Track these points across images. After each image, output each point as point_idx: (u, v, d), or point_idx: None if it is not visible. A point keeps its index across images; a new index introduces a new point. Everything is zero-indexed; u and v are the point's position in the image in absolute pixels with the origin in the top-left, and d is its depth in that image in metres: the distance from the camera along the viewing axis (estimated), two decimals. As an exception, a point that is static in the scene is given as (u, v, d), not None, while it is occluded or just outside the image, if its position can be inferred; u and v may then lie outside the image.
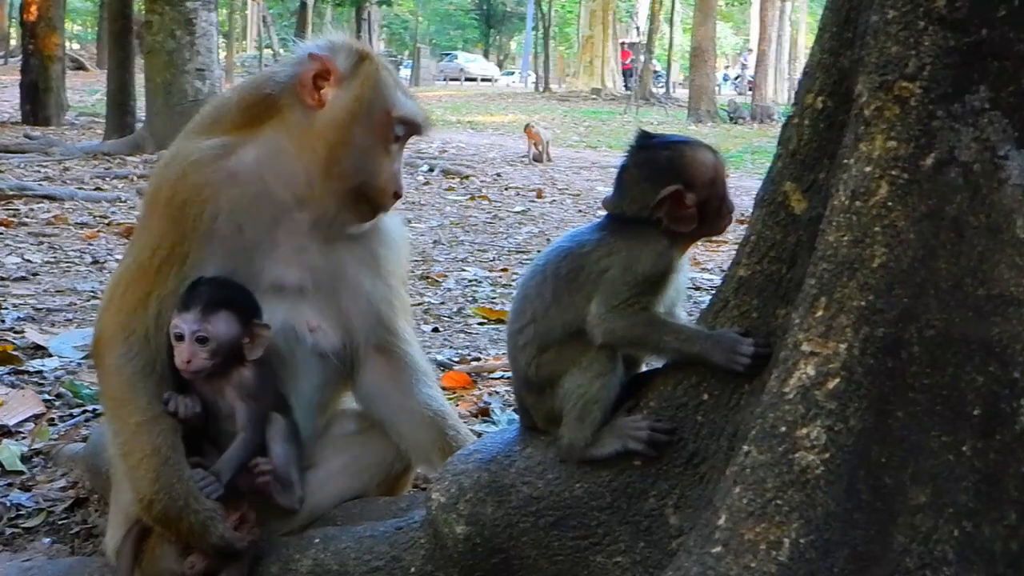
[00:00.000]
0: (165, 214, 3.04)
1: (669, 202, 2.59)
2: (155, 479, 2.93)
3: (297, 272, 3.15)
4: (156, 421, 2.97)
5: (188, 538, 2.95)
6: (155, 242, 3.04)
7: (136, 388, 2.99)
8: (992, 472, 2.15)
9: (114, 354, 3.02)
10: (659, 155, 2.69)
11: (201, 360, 2.98)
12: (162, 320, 3.00)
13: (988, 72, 2.19)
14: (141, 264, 3.05)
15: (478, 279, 8.65)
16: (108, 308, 3.10)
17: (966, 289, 2.18)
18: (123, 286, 3.07)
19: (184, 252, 3.01)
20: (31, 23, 23.55)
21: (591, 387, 2.58)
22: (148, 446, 2.95)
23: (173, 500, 2.92)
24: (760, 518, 2.20)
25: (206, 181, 3.03)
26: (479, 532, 2.63)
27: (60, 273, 8.26)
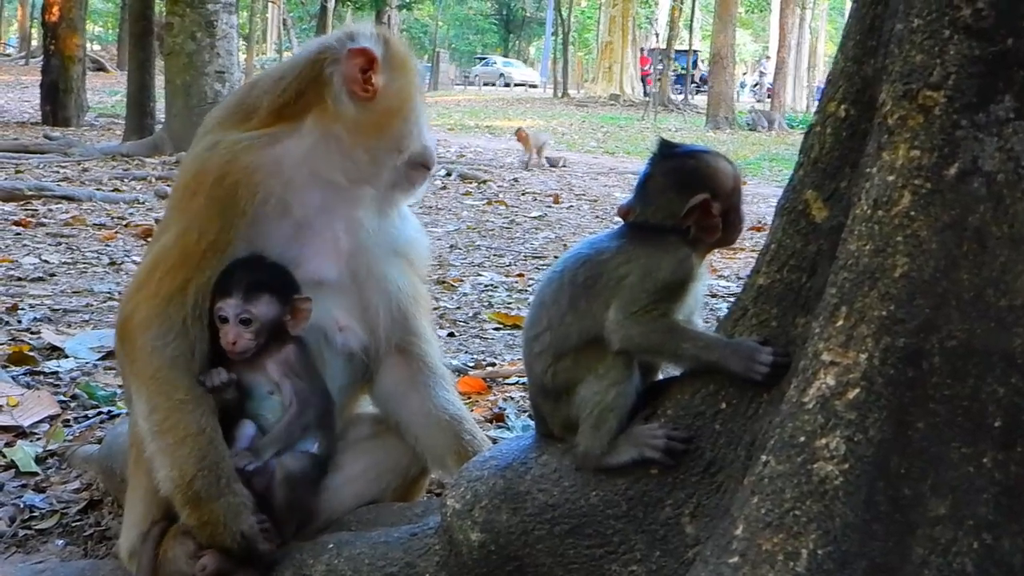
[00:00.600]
0: (213, 197, 3.02)
1: (698, 211, 2.59)
2: (201, 457, 2.93)
3: (334, 266, 3.16)
4: (200, 400, 2.98)
5: (215, 524, 2.93)
6: (201, 226, 3.02)
7: (178, 368, 2.99)
8: (1013, 484, 2.13)
9: (149, 336, 3.00)
10: (686, 164, 2.69)
11: (246, 340, 3.03)
12: (198, 308, 3.01)
13: (1013, 82, 2.17)
14: (184, 249, 3.03)
15: (494, 284, 8.64)
16: (142, 290, 3.07)
17: (988, 300, 2.16)
18: (161, 270, 3.04)
19: (229, 239, 3.02)
20: (52, 24, 23.66)
21: (607, 395, 2.56)
22: (192, 424, 2.96)
23: (216, 478, 2.93)
24: (778, 528, 2.18)
25: (259, 164, 3.05)
26: (494, 539, 2.61)
27: (77, 274, 8.28)
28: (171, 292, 3.00)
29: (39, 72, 24.94)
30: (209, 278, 3.01)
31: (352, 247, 3.18)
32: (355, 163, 3.13)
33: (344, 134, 3.11)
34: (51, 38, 23.85)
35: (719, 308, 7.05)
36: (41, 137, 19.59)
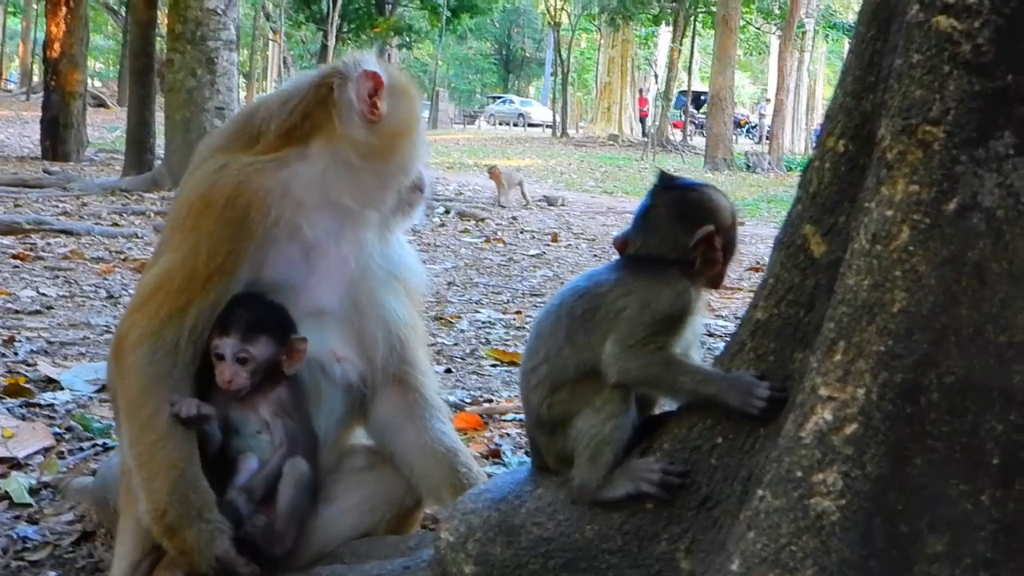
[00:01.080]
0: (224, 218, 3.00)
1: (704, 243, 2.60)
2: (172, 489, 2.93)
3: (335, 294, 3.17)
4: (174, 430, 2.96)
5: (190, 552, 2.92)
6: (211, 247, 3.00)
7: (159, 390, 2.97)
8: (1011, 522, 2.11)
9: (138, 354, 2.98)
10: (689, 196, 2.70)
11: (242, 379, 3.04)
12: (196, 331, 2.99)
13: (1013, 118, 2.17)
14: (191, 270, 3.00)
15: (492, 321, 8.62)
16: (140, 309, 3.05)
17: (987, 336, 2.15)
18: (164, 291, 3.02)
19: (238, 261, 3.01)
20: (54, 60, 23.70)
21: (603, 428, 2.55)
22: (168, 455, 2.95)
23: (186, 510, 2.92)
24: (774, 564, 2.17)
25: (270, 186, 3.05)
26: (488, 572, 2.59)
27: (75, 307, 8.26)
28: (170, 313, 2.98)
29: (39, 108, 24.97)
30: (214, 301, 3.00)
31: (357, 273, 3.18)
32: (364, 186, 3.14)
33: (353, 157, 3.11)
34: (52, 74, 23.88)
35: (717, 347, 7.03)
36: (40, 172, 19.58)
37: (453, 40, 74.79)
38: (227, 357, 3.02)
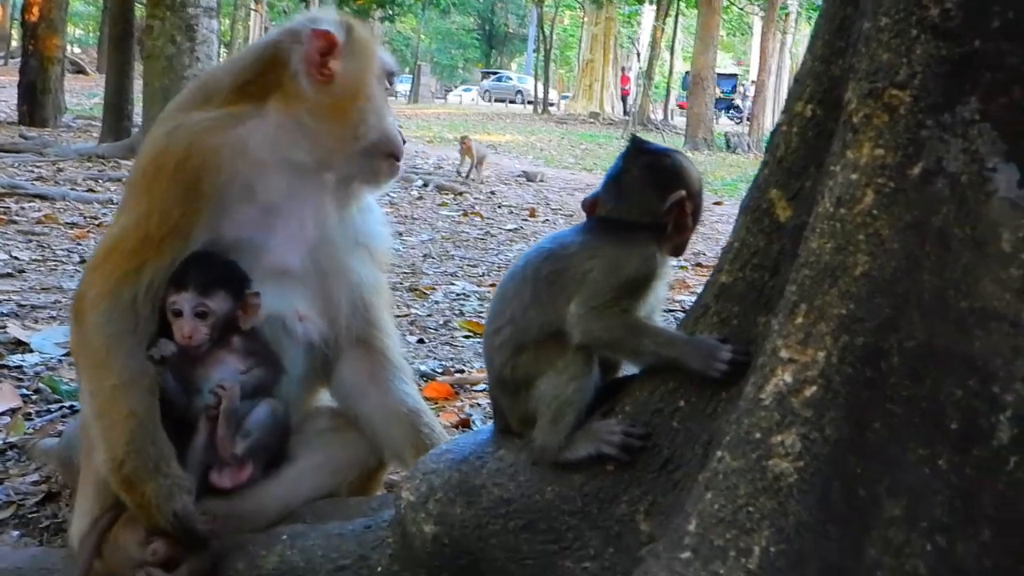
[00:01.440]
0: (176, 180, 2.99)
1: (677, 208, 2.60)
2: (129, 439, 2.92)
3: (297, 255, 3.16)
4: (133, 383, 2.96)
5: (150, 506, 2.92)
6: (164, 209, 3.00)
7: (115, 349, 2.97)
8: (968, 488, 2.11)
9: (96, 313, 2.98)
10: (663, 161, 2.69)
11: (202, 334, 3.04)
12: (152, 288, 2.99)
13: (979, 83, 2.16)
14: (146, 231, 3.00)
15: (466, 293, 8.61)
16: (97, 269, 3.06)
17: (949, 302, 2.15)
18: (120, 251, 3.03)
19: (193, 222, 3.00)
20: (32, 24, 23.52)
21: (566, 389, 2.54)
22: (124, 407, 2.94)
23: (143, 462, 2.91)
24: (731, 525, 2.16)
25: (222, 144, 3.03)
26: (447, 532, 2.59)
27: (47, 271, 8.23)
28: (126, 272, 2.98)
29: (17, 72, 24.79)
30: (170, 261, 2.99)
31: (318, 235, 3.17)
32: (317, 146, 3.12)
33: (305, 116, 3.10)
34: (30, 38, 23.70)
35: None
36: (16, 137, 19.47)
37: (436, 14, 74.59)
38: (185, 312, 3.02)
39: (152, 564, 2.93)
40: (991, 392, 2.12)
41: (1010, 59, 2.14)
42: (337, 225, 3.22)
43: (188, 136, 3.03)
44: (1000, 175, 2.15)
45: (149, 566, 2.93)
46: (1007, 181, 2.14)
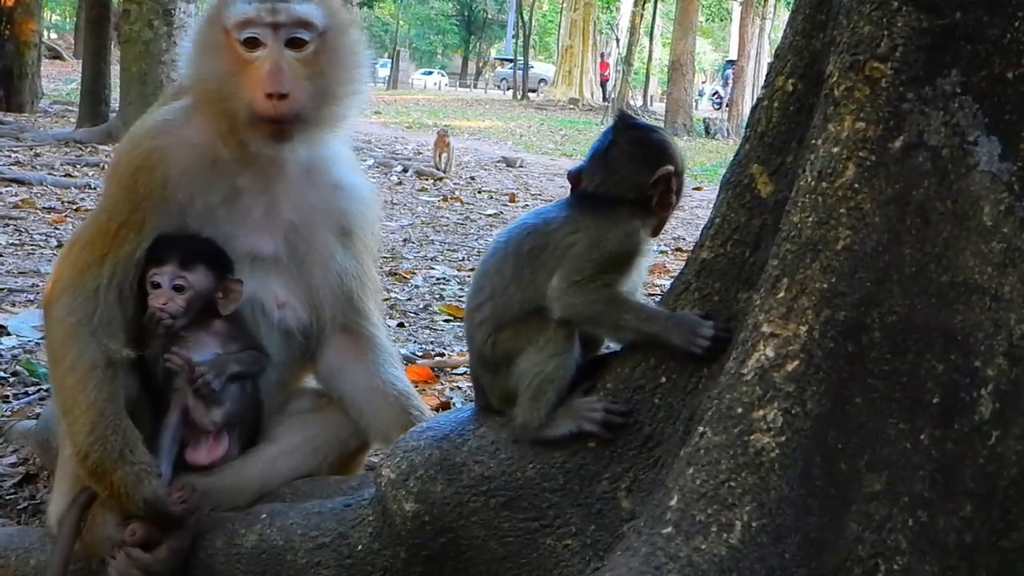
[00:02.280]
0: (121, 183, 3.05)
1: (663, 183, 2.58)
2: (91, 429, 2.92)
3: (271, 240, 3.13)
4: (93, 372, 2.95)
5: (120, 494, 2.91)
6: (112, 207, 3.05)
7: (76, 340, 2.97)
8: (949, 462, 2.12)
9: (59, 306, 3.00)
10: (651, 136, 2.69)
11: (177, 304, 3.02)
12: (115, 279, 2.99)
13: (960, 56, 2.16)
14: (100, 227, 3.04)
15: (446, 277, 8.61)
16: (62, 263, 3.10)
17: (930, 275, 2.15)
18: (80, 245, 3.07)
19: (140, 218, 3.01)
20: (8, 8, 23.35)
21: (547, 366, 2.53)
22: (86, 397, 2.93)
23: (107, 451, 2.90)
24: (712, 500, 2.16)
25: (155, 147, 3.04)
26: (428, 510, 2.58)
27: (24, 255, 8.20)
28: (88, 263, 3.02)
29: (-7, 57, 24.68)
30: (128, 251, 3.01)
31: (292, 221, 3.15)
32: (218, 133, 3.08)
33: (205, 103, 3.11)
34: (6, 23, 23.53)
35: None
36: (-7, 122, 19.38)
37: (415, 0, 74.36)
38: (164, 284, 3.01)
39: (131, 544, 2.91)
40: (972, 366, 2.13)
41: (991, 31, 2.15)
42: (313, 209, 3.18)
43: (132, 140, 3.09)
44: (981, 148, 2.15)
45: (128, 546, 2.92)
46: (988, 154, 2.15)
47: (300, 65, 2.98)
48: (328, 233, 3.22)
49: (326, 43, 3.02)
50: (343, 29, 3.08)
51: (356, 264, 3.29)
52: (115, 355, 2.97)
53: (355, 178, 3.31)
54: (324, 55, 3.02)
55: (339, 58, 3.07)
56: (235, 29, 2.98)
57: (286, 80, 2.94)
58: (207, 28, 3.07)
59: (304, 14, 2.98)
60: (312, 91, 2.99)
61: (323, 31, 3.01)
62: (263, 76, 2.94)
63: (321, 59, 3.02)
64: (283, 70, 2.95)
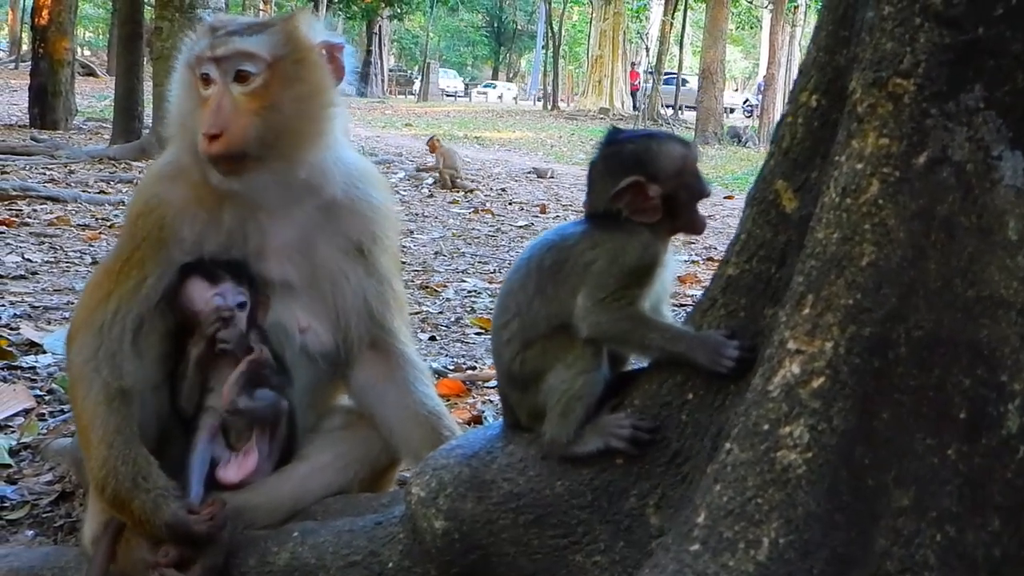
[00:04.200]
0: (125, 228, 3.20)
1: (629, 194, 2.57)
2: (103, 463, 2.96)
3: (280, 267, 3.16)
4: (100, 407, 3.00)
5: (142, 521, 2.95)
6: (118, 250, 3.17)
7: (85, 376, 3.04)
8: (976, 477, 2.11)
9: (75, 344, 3.08)
10: (623, 149, 2.66)
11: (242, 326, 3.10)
12: (119, 313, 3.05)
13: (983, 71, 2.16)
14: (107, 268, 3.15)
15: (478, 290, 8.62)
16: (78, 305, 3.21)
17: (955, 290, 2.15)
18: (92, 286, 3.17)
19: (140, 256, 3.08)
20: (42, 27, 23.57)
21: (575, 383, 2.54)
22: (96, 432, 2.99)
23: (120, 481, 2.95)
24: (739, 516, 2.17)
25: (154, 193, 3.14)
26: (458, 528, 2.59)
27: (59, 273, 8.26)
28: (97, 301, 3.08)
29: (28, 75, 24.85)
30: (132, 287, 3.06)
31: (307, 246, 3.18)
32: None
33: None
34: (40, 41, 23.75)
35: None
36: (28, 139, 19.50)
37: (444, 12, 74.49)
38: (228, 301, 3.07)
39: (165, 565, 2.94)
40: (999, 381, 2.12)
41: (1014, 46, 2.15)
42: (315, 231, 3.19)
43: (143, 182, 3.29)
44: (1005, 163, 2.15)
45: (162, 567, 2.94)
46: (1012, 169, 2.15)
47: (247, 99, 2.98)
48: (338, 252, 3.22)
49: (276, 73, 3.00)
50: (298, 57, 3.04)
51: (376, 282, 3.29)
52: (123, 386, 3.02)
53: (359, 193, 3.28)
54: (275, 85, 3.00)
55: (293, 87, 3.03)
56: (194, 66, 3.03)
57: (220, 119, 2.95)
58: (182, 66, 3.10)
59: (247, 47, 2.98)
60: (261, 124, 2.98)
61: (272, 62, 2.99)
62: (205, 116, 2.97)
63: (272, 90, 2.99)
64: (220, 108, 2.96)
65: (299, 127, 3.06)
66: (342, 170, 3.21)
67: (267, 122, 2.99)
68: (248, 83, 2.98)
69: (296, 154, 3.07)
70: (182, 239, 3.08)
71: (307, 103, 3.06)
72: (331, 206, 3.20)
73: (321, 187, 3.16)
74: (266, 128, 2.99)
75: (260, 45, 2.98)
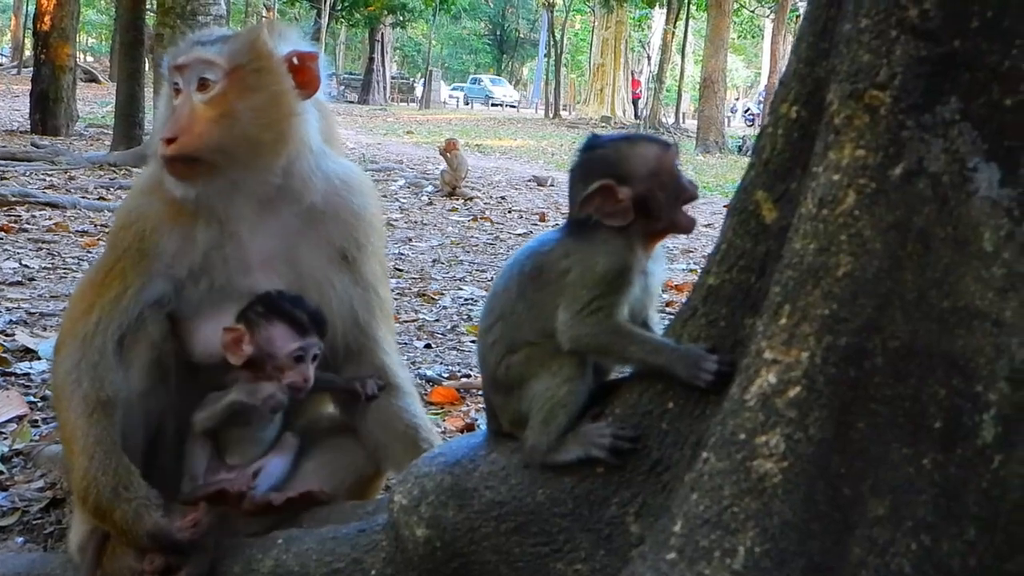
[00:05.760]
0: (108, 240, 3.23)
1: (598, 198, 2.58)
2: (83, 474, 2.99)
3: (267, 279, 3.17)
4: (82, 417, 3.02)
5: (124, 530, 2.96)
6: (100, 261, 3.20)
7: (66, 387, 3.06)
8: (952, 486, 2.12)
9: (60, 355, 3.11)
10: (595, 154, 2.67)
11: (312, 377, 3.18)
12: (101, 324, 3.07)
13: (959, 83, 2.17)
14: (90, 280, 3.18)
15: (475, 298, 8.62)
16: (65, 316, 3.25)
17: (931, 301, 2.16)
18: (76, 297, 3.21)
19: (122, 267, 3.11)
20: (44, 33, 23.61)
21: (559, 391, 2.56)
22: (76, 443, 3.01)
23: (101, 492, 2.96)
24: (716, 525, 2.17)
25: (135, 206, 3.17)
26: (440, 535, 2.60)
27: (56, 279, 8.26)
28: (81, 312, 3.11)
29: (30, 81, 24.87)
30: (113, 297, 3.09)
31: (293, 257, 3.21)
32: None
33: None
34: (42, 47, 23.79)
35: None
36: (29, 145, 19.52)
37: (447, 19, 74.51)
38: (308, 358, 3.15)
39: (151, 572, 2.95)
40: (974, 391, 2.13)
41: (989, 58, 2.16)
42: (309, 241, 3.22)
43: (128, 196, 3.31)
44: (981, 174, 2.16)
45: (148, 575, 2.95)
46: (988, 180, 2.16)
47: (205, 107, 3.02)
48: (323, 260, 3.24)
49: (234, 82, 3.03)
50: (258, 66, 3.07)
51: (361, 290, 3.30)
52: (105, 397, 3.03)
53: (341, 200, 3.29)
54: (233, 93, 3.03)
55: (252, 95, 3.05)
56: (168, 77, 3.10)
57: (177, 124, 3.00)
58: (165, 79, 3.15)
59: (206, 55, 3.04)
60: (217, 131, 3.01)
61: (230, 70, 3.02)
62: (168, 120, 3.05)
63: (230, 97, 3.02)
64: (179, 114, 3.02)
65: (257, 135, 3.07)
66: (321, 177, 3.22)
67: (224, 129, 3.02)
68: (208, 91, 3.02)
69: (256, 161, 3.09)
70: (161, 253, 3.10)
71: (265, 111, 3.08)
72: (311, 213, 3.21)
73: (300, 195, 3.18)
74: (222, 135, 3.02)
75: (219, 53, 3.03)
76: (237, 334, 3.10)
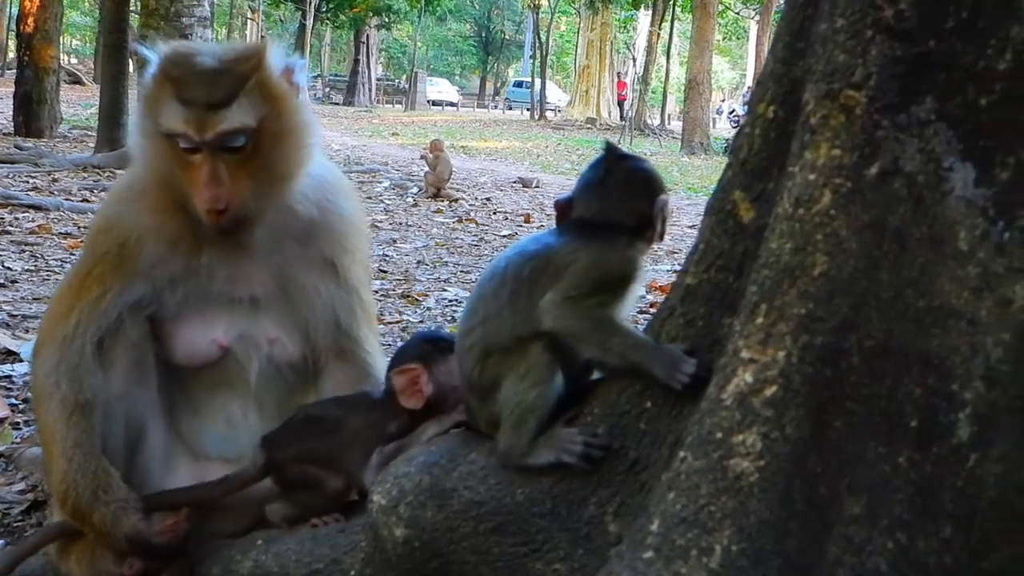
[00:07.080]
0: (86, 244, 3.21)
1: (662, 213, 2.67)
2: (63, 477, 2.98)
3: (248, 286, 3.16)
4: (61, 420, 3.01)
5: (103, 533, 2.97)
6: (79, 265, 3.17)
7: (45, 390, 3.05)
8: (928, 485, 2.13)
9: (39, 358, 3.09)
10: (644, 166, 2.76)
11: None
12: (79, 327, 3.05)
13: (934, 83, 2.18)
14: (68, 283, 3.16)
15: (459, 299, 8.61)
16: (44, 319, 3.22)
17: (907, 300, 2.16)
18: (55, 300, 3.19)
19: (101, 271, 3.08)
20: (27, 35, 23.50)
21: (527, 395, 2.56)
22: (56, 445, 3.01)
23: (80, 494, 2.96)
24: (692, 524, 2.18)
25: (115, 213, 3.14)
26: (418, 536, 2.60)
27: (39, 281, 8.24)
28: (60, 315, 3.09)
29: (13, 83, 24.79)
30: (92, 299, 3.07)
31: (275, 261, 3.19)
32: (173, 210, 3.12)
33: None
34: (25, 49, 23.68)
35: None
36: (12, 147, 19.45)
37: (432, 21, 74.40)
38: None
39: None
40: (950, 390, 2.14)
41: (964, 59, 2.17)
42: (291, 249, 3.20)
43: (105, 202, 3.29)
44: (956, 174, 2.17)
45: None
46: (963, 180, 2.16)
47: (239, 166, 2.95)
48: (310, 267, 3.24)
49: (263, 134, 2.95)
50: (278, 110, 3.00)
51: (345, 293, 3.30)
52: (84, 400, 3.02)
53: (331, 207, 3.28)
54: (263, 146, 2.97)
55: (279, 140, 3.01)
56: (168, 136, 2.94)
57: (220, 193, 2.93)
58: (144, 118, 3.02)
59: (232, 124, 2.90)
60: (254, 185, 2.98)
61: (257, 126, 2.94)
62: (202, 190, 2.93)
63: (261, 151, 2.97)
64: (219, 183, 2.93)
65: (288, 171, 3.07)
66: (314, 186, 3.21)
67: (261, 180, 3.00)
68: (238, 152, 2.94)
69: (287, 192, 3.12)
70: (142, 261, 3.08)
71: (293, 148, 3.06)
72: (299, 219, 3.20)
73: (299, 211, 3.18)
74: (260, 185, 3.00)
75: (243, 115, 2.91)
76: (414, 374, 2.96)
